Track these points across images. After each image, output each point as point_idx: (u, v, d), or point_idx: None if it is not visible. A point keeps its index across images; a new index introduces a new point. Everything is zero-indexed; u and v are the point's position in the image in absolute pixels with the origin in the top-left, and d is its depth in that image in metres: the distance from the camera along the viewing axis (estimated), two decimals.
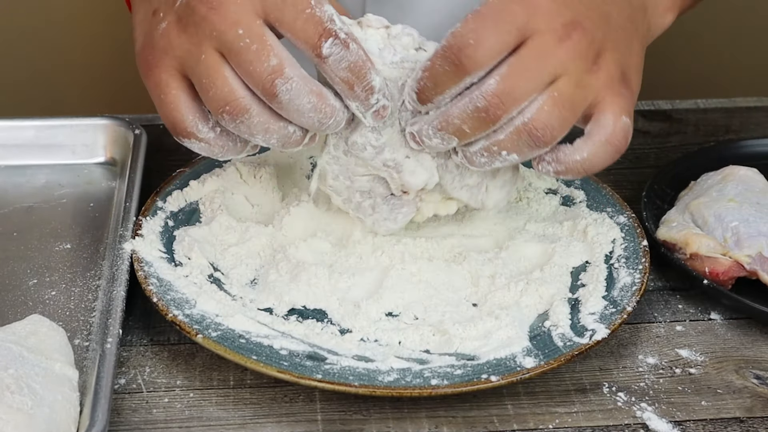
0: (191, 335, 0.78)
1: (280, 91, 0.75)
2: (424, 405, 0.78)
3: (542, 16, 0.76)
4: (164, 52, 0.78)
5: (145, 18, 0.81)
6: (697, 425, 0.78)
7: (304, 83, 0.76)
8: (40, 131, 1.02)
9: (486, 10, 0.75)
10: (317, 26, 0.75)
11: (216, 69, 0.76)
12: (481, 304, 0.84)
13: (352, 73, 0.76)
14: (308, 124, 0.78)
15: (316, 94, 0.76)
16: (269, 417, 0.77)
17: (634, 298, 0.83)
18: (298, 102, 0.76)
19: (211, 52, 0.76)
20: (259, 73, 0.75)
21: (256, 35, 0.75)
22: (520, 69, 0.75)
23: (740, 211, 0.91)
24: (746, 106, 1.17)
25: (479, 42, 0.74)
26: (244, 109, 0.76)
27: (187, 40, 0.77)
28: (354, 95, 0.77)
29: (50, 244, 0.92)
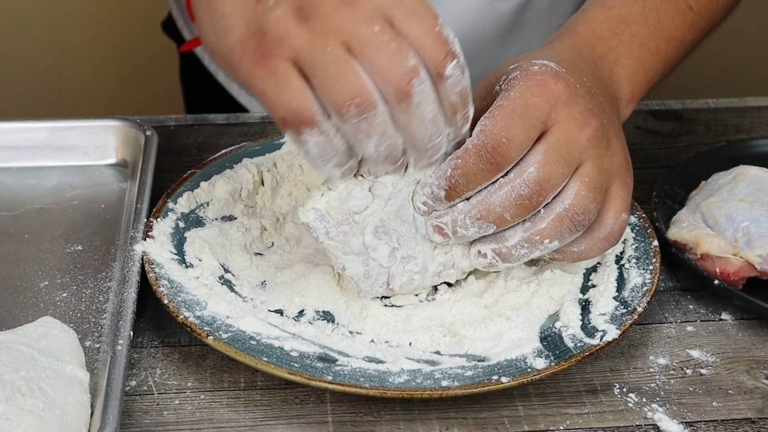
0: (202, 337, 0.78)
1: (414, 91, 0.73)
2: (434, 406, 0.78)
3: (562, 106, 0.79)
4: (280, 40, 0.74)
5: (244, 5, 0.75)
6: (708, 426, 0.78)
7: (433, 91, 0.75)
8: (51, 133, 1.03)
9: (512, 105, 0.78)
10: (444, 45, 0.74)
11: (346, 60, 0.73)
12: (492, 306, 0.84)
13: (460, 99, 0.76)
14: (421, 135, 0.76)
15: (438, 106, 0.75)
16: (280, 419, 0.77)
17: (644, 298, 0.83)
18: (425, 108, 0.74)
19: (338, 45, 0.73)
20: (396, 71, 0.73)
21: (393, 35, 0.73)
22: (554, 156, 0.78)
23: (751, 211, 0.90)
24: (757, 105, 1.17)
25: (511, 139, 0.77)
26: (373, 104, 0.73)
27: (308, 30, 0.73)
28: (453, 121, 0.77)
29: (61, 246, 0.92)
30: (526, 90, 0.78)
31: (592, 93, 0.82)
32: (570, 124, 0.79)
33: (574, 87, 0.80)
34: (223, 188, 0.94)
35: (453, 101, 0.76)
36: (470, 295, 0.85)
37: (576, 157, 0.79)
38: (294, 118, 0.74)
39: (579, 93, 0.80)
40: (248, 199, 0.94)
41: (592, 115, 0.80)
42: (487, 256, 0.82)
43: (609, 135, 0.82)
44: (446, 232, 0.81)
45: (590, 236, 0.82)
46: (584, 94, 0.81)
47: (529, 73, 0.79)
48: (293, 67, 0.74)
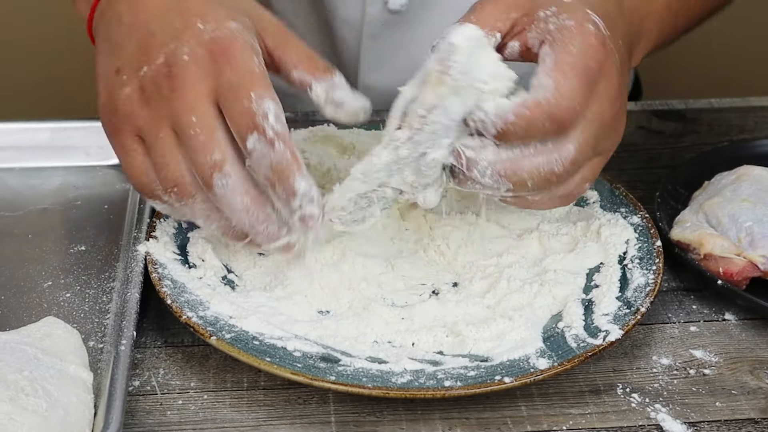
0: (205, 337, 0.78)
1: (216, 185, 0.77)
2: (437, 406, 0.78)
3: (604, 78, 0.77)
4: (127, 117, 0.80)
5: (107, 73, 0.83)
6: (711, 426, 0.78)
7: (240, 183, 0.78)
8: (54, 133, 1.03)
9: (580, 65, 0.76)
10: (248, 119, 0.76)
11: (170, 150, 0.78)
12: (495, 306, 0.84)
13: (274, 173, 0.77)
14: (240, 222, 0.79)
15: (252, 197, 0.78)
16: (283, 419, 0.77)
17: (647, 298, 0.83)
18: (231, 199, 0.78)
19: (168, 131, 0.78)
20: (201, 164, 0.77)
21: (207, 126, 0.77)
22: (591, 138, 0.77)
23: (754, 211, 0.90)
24: (760, 105, 1.17)
25: (580, 108, 0.76)
26: (189, 194, 0.79)
27: (147, 113, 0.79)
28: (276, 195, 0.78)
29: (65, 246, 0.92)
30: (585, 49, 0.76)
31: (622, 58, 0.81)
32: (606, 102, 0.77)
33: (613, 59, 0.78)
34: None
35: (265, 174, 0.77)
36: (473, 295, 0.85)
37: (603, 133, 0.78)
38: (139, 189, 0.82)
39: (616, 66, 0.79)
40: None
41: (619, 94, 0.79)
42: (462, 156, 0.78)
43: (623, 115, 0.81)
44: (462, 162, 0.77)
45: (549, 191, 0.80)
46: (619, 66, 0.79)
47: (585, 31, 0.77)
48: (139, 142, 0.80)
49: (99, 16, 0.86)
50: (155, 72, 0.79)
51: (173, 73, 0.78)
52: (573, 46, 0.76)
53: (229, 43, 0.78)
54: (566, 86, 0.75)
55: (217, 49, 0.78)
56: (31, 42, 2.16)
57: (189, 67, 0.78)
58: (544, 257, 0.88)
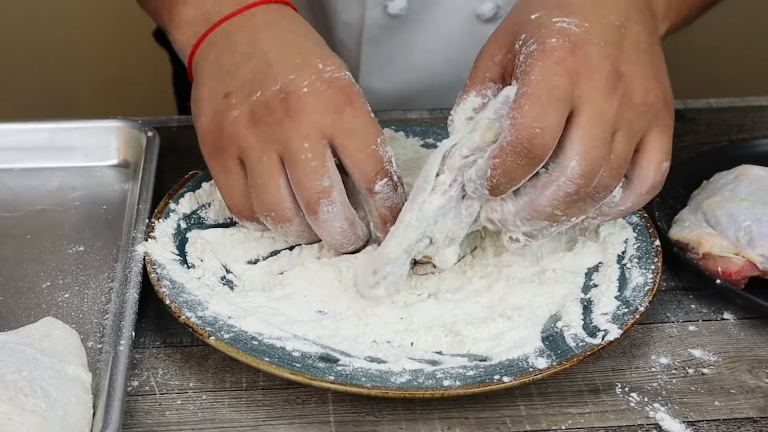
0: (204, 337, 0.78)
1: (321, 210, 0.81)
2: (436, 406, 0.78)
3: (584, 79, 0.77)
4: (232, 139, 0.83)
5: (213, 97, 0.85)
6: (710, 425, 0.78)
7: (343, 210, 0.82)
8: (53, 134, 1.03)
9: (536, 91, 0.76)
10: (377, 164, 0.82)
11: (272, 175, 0.81)
12: (494, 305, 0.84)
13: (390, 213, 0.83)
14: (331, 243, 0.84)
15: (350, 222, 0.83)
16: (282, 419, 0.77)
17: (646, 298, 0.83)
18: (332, 224, 0.82)
19: (273, 155, 0.82)
20: (309, 188, 0.81)
21: (319, 153, 0.81)
22: (590, 142, 0.76)
23: (753, 210, 0.90)
24: (759, 105, 1.16)
25: (545, 129, 0.75)
26: (286, 219, 0.83)
27: (254, 135, 0.82)
28: (384, 230, 0.83)
29: (63, 247, 0.92)
30: (546, 71, 0.76)
31: (622, 35, 0.80)
32: (597, 95, 0.77)
33: (595, 53, 0.77)
34: None
35: (382, 213, 0.84)
36: (472, 295, 0.85)
37: (610, 131, 0.77)
38: (236, 212, 0.86)
39: (603, 55, 0.78)
40: None
41: (618, 77, 0.78)
42: (519, 240, 0.81)
43: (642, 88, 0.79)
44: (497, 226, 0.81)
45: (633, 192, 0.81)
46: (610, 50, 0.78)
47: (547, 50, 0.77)
48: (240, 165, 0.83)
49: (209, 45, 0.89)
50: (270, 97, 0.82)
51: (289, 101, 0.81)
52: (534, 74, 0.76)
53: (349, 86, 0.83)
54: (521, 118, 0.75)
55: (338, 88, 0.82)
56: (30, 43, 2.16)
57: (308, 98, 0.81)
58: (543, 257, 0.88)
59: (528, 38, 0.79)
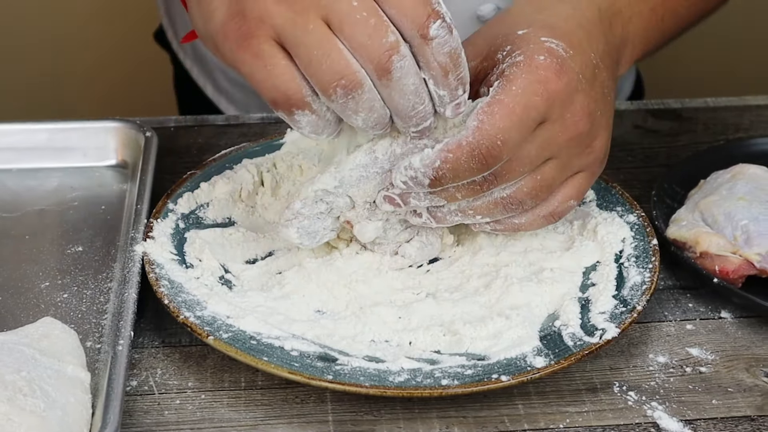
0: (202, 337, 0.78)
1: (395, 67, 0.73)
2: (434, 405, 0.79)
3: (558, 105, 0.78)
4: (260, 20, 0.74)
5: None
6: (707, 424, 0.78)
7: (413, 64, 0.74)
8: (52, 134, 1.03)
9: (512, 103, 0.76)
10: (427, 6, 0.73)
11: (328, 39, 0.72)
12: (492, 305, 0.84)
13: (450, 60, 0.75)
14: (404, 107, 0.75)
15: (420, 77, 0.75)
16: (280, 418, 0.78)
17: (644, 297, 0.83)
18: (407, 81, 0.74)
19: (319, 22, 0.73)
20: (376, 48, 0.72)
21: (372, 8, 0.72)
22: (524, 158, 0.78)
23: (750, 209, 0.90)
24: (756, 104, 1.17)
25: (506, 142, 0.76)
26: (359, 84, 0.74)
27: (288, 8, 0.73)
28: (446, 83, 0.76)
29: (62, 247, 0.92)
30: (527, 86, 0.77)
31: (595, 75, 0.81)
32: (557, 125, 0.79)
33: (574, 82, 0.79)
34: (222, 189, 0.94)
35: (442, 62, 0.74)
36: (470, 294, 0.85)
37: (545, 156, 0.80)
38: (284, 100, 0.75)
39: (579, 87, 0.79)
40: (248, 200, 0.94)
41: (583, 116, 0.80)
42: (422, 216, 0.82)
43: (596, 131, 0.81)
44: (397, 203, 0.81)
45: (533, 212, 0.83)
46: (584, 86, 0.80)
47: (533, 65, 0.78)
48: (277, 46, 0.74)
49: None
50: None
51: None
52: (515, 84, 0.77)
53: None
54: (489, 125, 0.76)
55: None
56: (30, 43, 2.16)
57: None
58: (541, 256, 0.89)
59: (514, 50, 0.79)
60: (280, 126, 1.08)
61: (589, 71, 0.81)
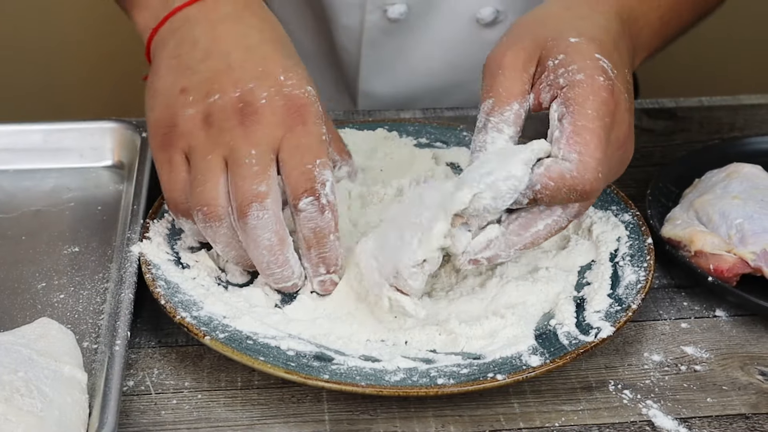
0: (199, 337, 0.79)
1: (251, 215, 0.79)
2: (430, 404, 0.79)
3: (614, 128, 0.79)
4: (183, 135, 0.82)
5: (169, 91, 0.84)
6: (702, 422, 0.78)
7: (274, 221, 0.80)
8: (47, 135, 1.03)
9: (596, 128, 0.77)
10: (307, 182, 0.80)
11: (214, 172, 0.80)
12: (487, 304, 0.84)
13: (314, 236, 0.81)
14: (258, 260, 0.81)
15: (279, 238, 0.80)
16: (277, 417, 0.78)
17: (639, 295, 0.84)
18: (260, 234, 0.79)
19: (219, 157, 0.81)
20: (245, 190, 0.79)
21: (263, 162, 0.80)
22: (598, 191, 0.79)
23: (745, 208, 0.91)
24: (750, 103, 1.17)
25: (604, 174, 0.78)
26: (218, 217, 0.81)
27: (205, 135, 0.81)
28: (308, 256, 0.82)
29: (58, 248, 0.92)
30: (598, 108, 0.77)
31: (629, 91, 0.82)
32: (615, 149, 0.80)
33: (623, 103, 0.80)
34: None
35: (305, 235, 0.81)
36: (465, 293, 0.85)
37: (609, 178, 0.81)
38: (173, 204, 0.84)
39: (626, 106, 0.80)
40: None
41: (629, 135, 0.81)
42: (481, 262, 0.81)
43: (632, 143, 0.83)
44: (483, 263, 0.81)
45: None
46: (627, 104, 0.81)
47: (596, 86, 0.78)
48: (185, 160, 0.82)
49: (168, 33, 0.87)
50: (227, 103, 0.81)
51: (246, 111, 0.81)
52: (588, 108, 0.77)
53: (306, 105, 0.82)
54: (590, 159, 0.76)
55: (294, 106, 0.81)
56: (24, 43, 2.16)
57: (264, 111, 0.81)
58: (536, 255, 0.89)
59: (569, 62, 0.79)
60: None
61: (627, 90, 0.82)
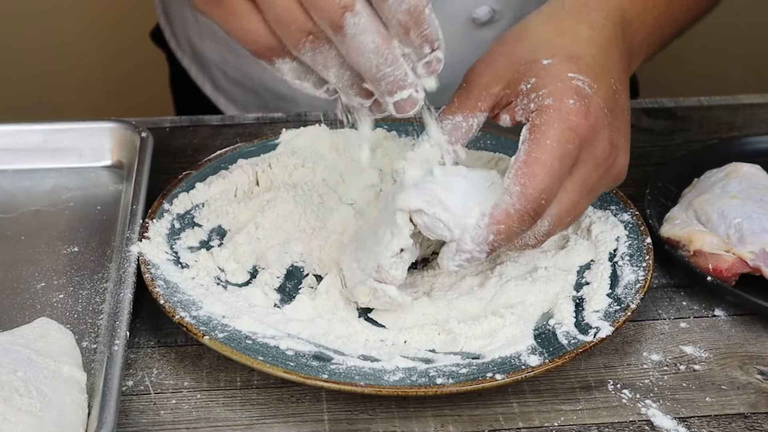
0: (198, 337, 0.79)
1: (347, 23, 0.72)
2: (429, 404, 0.79)
3: (587, 147, 0.79)
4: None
5: None
6: (701, 421, 0.78)
7: (371, 22, 0.73)
8: (47, 135, 1.03)
9: (549, 160, 0.77)
10: None
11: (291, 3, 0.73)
12: (486, 304, 0.84)
13: (410, 17, 0.73)
14: (367, 67, 0.74)
15: (382, 36, 0.73)
16: (276, 417, 0.78)
17: (638, 295, 0.84)
18: (363, 39, 0.73)
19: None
20: (330, 5, 0.72)
21: None
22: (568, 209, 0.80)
23: (743, 207, 0.91)
24: (750, 103, 1.17)
25: (549, 198, 0.78)
26: (326, 39, 0.74)
27: None
28: (408, 41, 0.74)
29: (58, 248, 0.92)
30: (561, 136, 0.78)
31: (615, 101, 0.82)
32: (589, 164, 0.80)
33: (601, 119, 0.80)
34: (218, 189, 0.94)
35: (401, 20, 0.73)
36: (465, 293, 0.85)
37: (586, 194, 0.81)
38: (264, 51, 0.76)
39: (604, 123, 0.80)
40: (243, 199, 0.94)
41: (610, 150, 0.81)
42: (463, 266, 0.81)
43: (619, 155, 0.82)
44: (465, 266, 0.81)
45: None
46: (609, 120, 0.80)
47: (564, 111, 0.78)
48: (251, 2, 0.74)
49: None
50: None
51: None
52: (549, 137, 0.78)
53: None
54: (532, 188, 0.77)
55: None
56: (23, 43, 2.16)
57: None
58: (535, 255, 0.89)
59: (540, 86, 0.79)
60: (275, 126, 1.08)
61: (611, 101, 0.81)
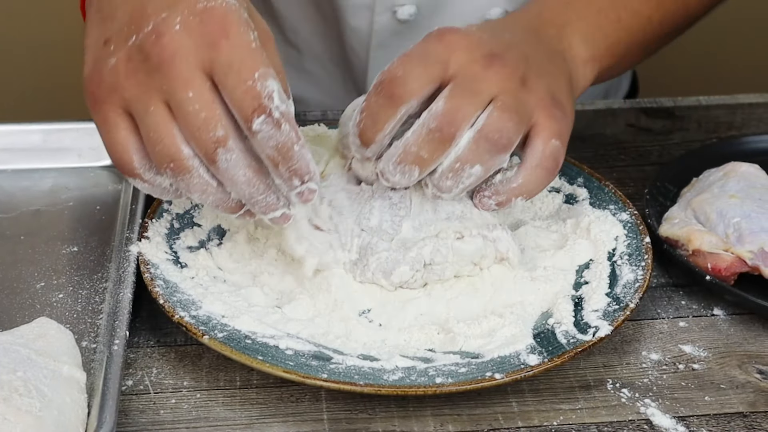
0: (197, 336, 0.79)
1: (220, 159, 0.75)
2: (429, 403, 0.79)
3: (461, 51, 0.82)
4: (112, 89, 0.77)
5: (95, 44, 0.79)
6: (700, 420, 0.78)
7: (243, 157, 0.76)
8: (46, 135, 1.03)
9: (410, 51, 0.82)
10: (253, 100, 0.74)
11: (164, 125, 0.75)
12: (485, 303, 0.84)
13: (278, 153, 0.76)
14: (241, 194, 0.78)
15: (254, 170, 0.77)
16: (276, 417, 0.78)
17: (637, 294, 0.84)
18: (235, 172, 0.76)
19: (160, 105, 0.75)
20: (204, 140, 0.75)
21: (206, 101, 0.74)
22: (460, 90, 0.80)
23: (742, 207, 0.91)
24: (748, 102, 1.17)
25: (407, 73, 0.80)
26: (186, 169, 0.76)
27: (136, 85, 0.76)
28: (278, 173, 0.77)
29: (57, 247, 0.93)
30: (423, 42, 0.82)
31: (511, 44, 0.84)
32: (473, 65, 0.81)
33: (476, 37, 0.83)
34: None
35: (270, 155, 0.76)
36: (463, 292, 0.85)
37: (486, 91, 0.81)
38: (118, 166, 0.79)
39: (482, 41, 0.83)
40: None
41: (494, 57, 0.82)
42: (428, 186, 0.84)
43: (523, 75, 0.83)
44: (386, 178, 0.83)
45: (524, 167, 0.84)
46: (491, 43, 0.83)
47: (431, 33, 0.83)
48: (123, 115, 0.77)
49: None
50: (143, 40, 0.75)
51: (163, 43, 0.74)
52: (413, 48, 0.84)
53: (224, 15, 0.75)
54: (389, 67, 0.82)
55: (211, 20, 0.74)
56: (22, 43, 2.16)
57: (181, 37, 0.74)
58: (534, 254, 0.89)
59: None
60: None
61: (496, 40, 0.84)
